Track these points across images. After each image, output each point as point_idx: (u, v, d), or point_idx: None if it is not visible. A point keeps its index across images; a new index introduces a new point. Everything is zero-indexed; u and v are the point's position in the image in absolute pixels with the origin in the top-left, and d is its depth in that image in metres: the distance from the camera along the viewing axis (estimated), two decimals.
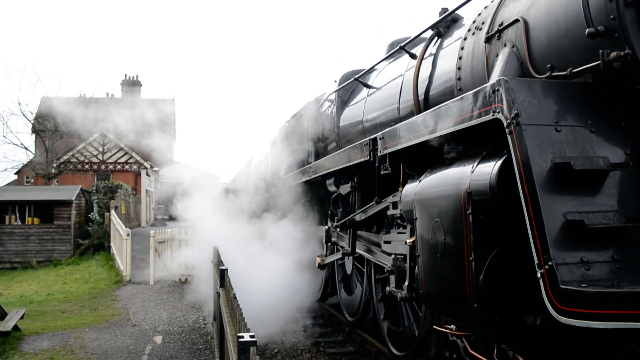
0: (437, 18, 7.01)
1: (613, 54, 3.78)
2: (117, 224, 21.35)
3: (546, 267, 3.42)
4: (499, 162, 3.99)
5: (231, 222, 14.09)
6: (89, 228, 26.16)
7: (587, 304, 3.21)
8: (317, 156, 11.09)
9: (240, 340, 3.47)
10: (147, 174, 35.22)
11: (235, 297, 4.87)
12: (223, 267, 6.74)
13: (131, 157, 41.40)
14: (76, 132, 34.69)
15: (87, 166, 40.06)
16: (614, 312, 3.15)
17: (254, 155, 20.58)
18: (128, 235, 18.57)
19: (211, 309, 10.22)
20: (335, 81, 10.67)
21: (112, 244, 22.80)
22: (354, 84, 9.75)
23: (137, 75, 45.46)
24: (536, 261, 3.51)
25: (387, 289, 6.31)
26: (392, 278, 6.15)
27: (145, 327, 11.49)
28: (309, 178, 10.41)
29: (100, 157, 40.94)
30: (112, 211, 23.74)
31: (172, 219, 29.79)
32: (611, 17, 3.90)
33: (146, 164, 39.42)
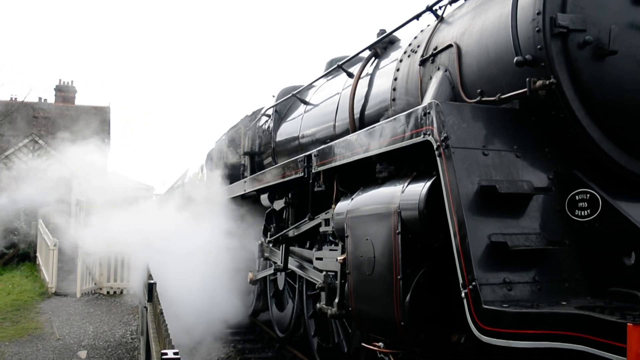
0: (375, 39, 7.13)
1: (539, 83, 3.93)
2: (44, 234, 20.68)
3: (470, 287, 3.50)
4: (428, 183, 4.07)
5: (164, 235, 13.86)
6: (15, 237, 25.22)
7: (508, 323, 3.30)
8: (253, 170, 11.05)
9: (164, 357, 3.41)
10: (79, 183, 34.24)
11: (161, 313, 4.78)
12: (151, 281, 6.61)
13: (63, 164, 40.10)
14: (5, 137, 33.55)
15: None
16: (534, 332, 3.25)
17: (190, 167, 20.36)
18: (55, 245, 18.00)
19: (139, 323, 10.01)
20: (274, 96, 10.69)
21: (38, 254, 22.04)
22: (291, 99, 9.78)
23: (72, 81, 44.23)
24: (461, 281, 3.59)
25: (318, 305, 6.32)
26: (323, 295, 6.16)
27: (69, 341, 11.14)
28: (243, 192, 10.35)
29: (30, 163, 39.51)
30: (40, 220, 22.98)
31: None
32: (538, 47, 4.05)
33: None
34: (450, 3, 5.79)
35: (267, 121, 10.83)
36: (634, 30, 4.08)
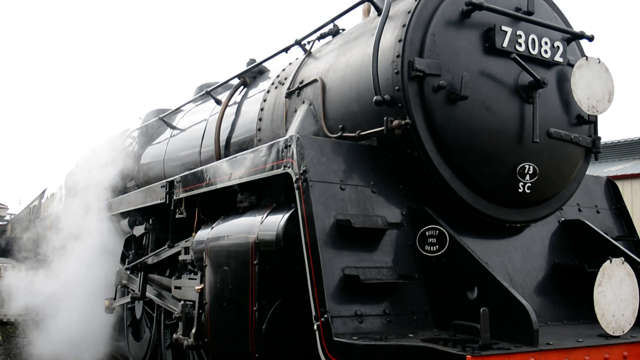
0: (244, 67, 7.16)
1: (395, 122, 4.11)
2: None
3: (322, 319, 3.54)
4: (287, 215, 4.10)
5: (20, 260, 13.02)
6: None
7: (357, 355, 3.35)
8: (115, 194, 10.66)
9: None
10: None
11: None
12: None
13: None
14: None
15: None
16: None
17: (48, 186, 19.33)
18: None
19: None
20: (140, 118, 10.43)
21: None
22: (158, 122, 9.58)
23: None
24: (314, 313, 3.62)
25: (175, 336, 6.15)
26: (181, 325, 6.00)
27: None
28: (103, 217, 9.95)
29: None
30: None
31: None
32: (396, 88, 4.23)
33: None
34: (318, 39, 5.94)
35: (132, 143, 10.53)
36: (484, 78, 4.36)
